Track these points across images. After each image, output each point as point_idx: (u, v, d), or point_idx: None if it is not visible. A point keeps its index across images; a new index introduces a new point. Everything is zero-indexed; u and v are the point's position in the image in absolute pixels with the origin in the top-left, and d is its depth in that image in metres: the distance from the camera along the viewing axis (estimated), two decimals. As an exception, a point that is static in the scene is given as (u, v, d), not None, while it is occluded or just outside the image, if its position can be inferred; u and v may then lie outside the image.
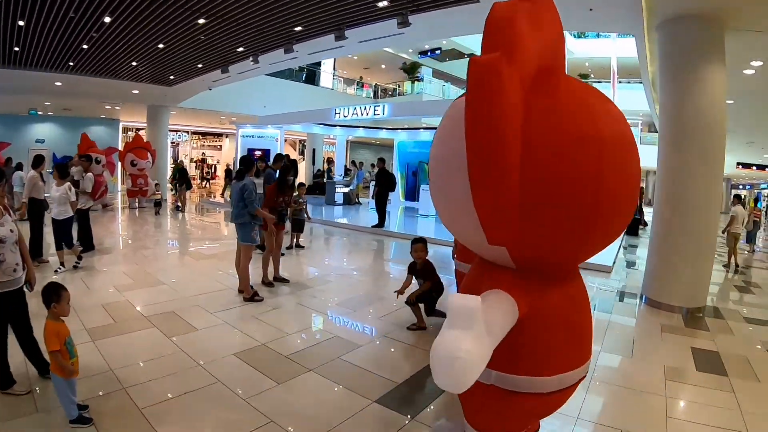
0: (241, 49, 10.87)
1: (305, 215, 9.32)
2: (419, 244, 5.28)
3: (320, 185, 23.44)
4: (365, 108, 14.75)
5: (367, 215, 15.48)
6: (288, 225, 7.93)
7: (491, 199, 1.99)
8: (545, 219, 2.08)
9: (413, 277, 5.29)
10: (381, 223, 12.46)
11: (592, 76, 30.36)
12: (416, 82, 26.42)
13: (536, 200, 2.03)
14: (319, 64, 24.32)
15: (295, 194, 8.18)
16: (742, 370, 4.52)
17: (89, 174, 8.85)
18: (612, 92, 21.02)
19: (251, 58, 11.35)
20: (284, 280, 6.85)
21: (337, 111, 15.48)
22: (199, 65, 12.74)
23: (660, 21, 6.52)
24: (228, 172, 22.82)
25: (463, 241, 2.67)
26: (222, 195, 20.18)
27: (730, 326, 5.93)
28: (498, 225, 2.06)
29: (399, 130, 20.85)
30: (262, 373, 3.82)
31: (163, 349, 4.15)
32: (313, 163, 23.12)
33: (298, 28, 9.26)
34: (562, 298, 2.39)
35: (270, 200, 6.73)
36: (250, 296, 5.82)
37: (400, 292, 5.16)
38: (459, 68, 30.35)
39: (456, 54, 28.13)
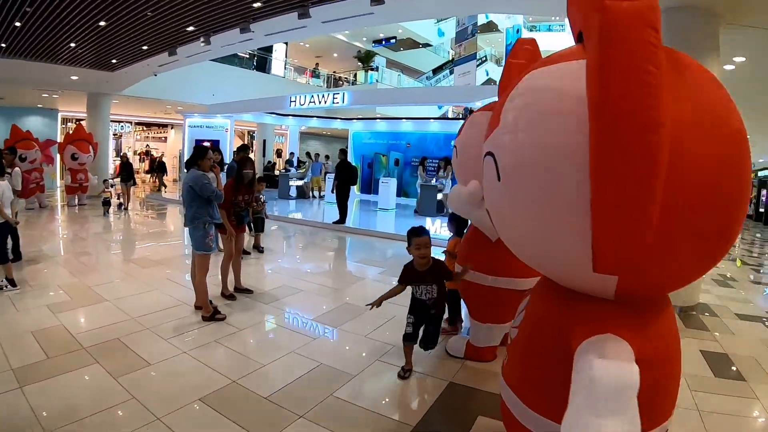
0: (191, 28, 9.80)
1: (265, 213, 8.50)
2: (424, 237, 3.64)
3: (271, 178, 22.42)
4: (323, 96, 13.89)
5: (325, 210, 14.71)
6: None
7: (627, 209, 1.37)
8: (688, 238, 1.54)
9: (405, 287, 3.85)
10: (342, 219, 11.71)
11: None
12: (369, 72, 25.67)
13: (681, 213, 1.48)
14: (270, 50, 23.13)
15: (257, 194, 7.37)
16: (756, 373, 4.29)
17: (17, 169, 7.73)
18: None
19: (202, 39, 10.27)
20: (247, 291, 6.01)
21: (293, 99, 14.54)
22: (145, 47, 11.50)
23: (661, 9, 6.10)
24: (161, 165, 21.46)
25: (541, 266, 2.01)
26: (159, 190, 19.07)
27: (726, 324, 5.73)
28: (622, 246, 1.45)
29: (354, 121, 20.08)
30: (240, 425, 3.02)
31: (111, 397, 3.26)
32: (264, 155, 22.06)
33: (257, 4, 8.33)
34: (665, 333, 1.87)
35: (227, 200, 5.63)
36: (210, 314, 4.94)
37: (376, 304, 3.67)
38: (413, 58, 29.79)
39: (411, 44, 27.52)
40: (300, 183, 18.29)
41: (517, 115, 1.80)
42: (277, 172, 22.77)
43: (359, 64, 26.70)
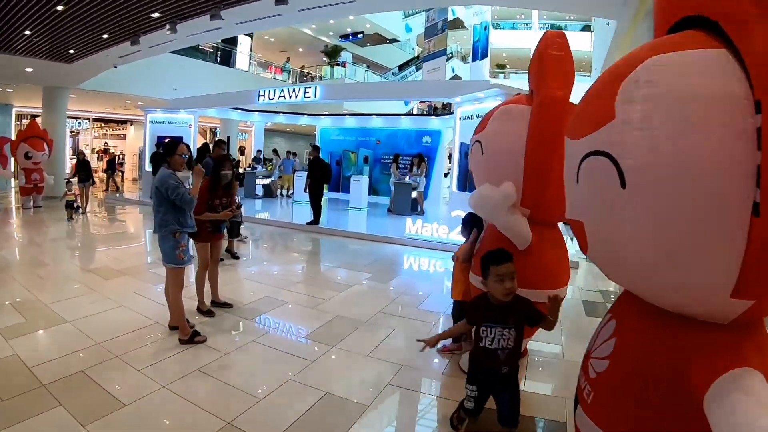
0: (156, 14, 9.04)
1: (240, 217, 7.87)
2: (508, 264, 2.58)
3: (237, 176, 21.55)
4: (293, 90, 13.20)
5: (294, 209, 14.06)
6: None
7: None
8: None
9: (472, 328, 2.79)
10: (316, 219, 11.12)
11: (508, 66, 30.42)
12: (335, 67, 25.04)
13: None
14: (235, 43, 22.18)
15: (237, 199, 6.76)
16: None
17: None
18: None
19: (168, 27, 9.48)
20: (226, 305, 5.41)
21: (261, 93, 13.76)
22: (105, 35, 10.61)
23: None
24: (110, 163, 20.24)
25: (663, 290, 1.56)
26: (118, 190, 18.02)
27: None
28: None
29: (322, 117, 19.44)
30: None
31: (78, 452, 2.67)
32: (228, 152, 21.12)
33: (231, -12, 7.66)
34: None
35: (202, 203, 4.95)
36: (188, 337, 4.30)
37: (431, 343, 2.70)
38: (379, 54, 29.30)
39: (377, 39, 27.01)
40: (267, 181, 17.60)
41: (649, 110, 1.40)
42: (241, 170, 21.99)
43: (325, 59, 26.00)
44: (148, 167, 14.73)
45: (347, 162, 18.68)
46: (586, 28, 38.77)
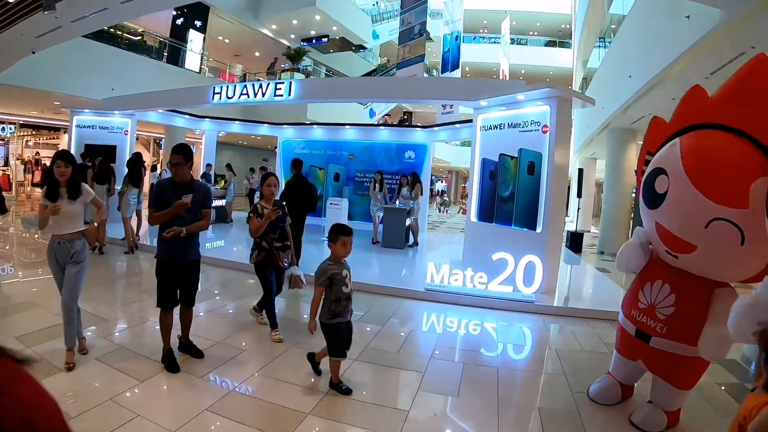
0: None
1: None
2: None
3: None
4: (260, 87, 10.16)
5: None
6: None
7: None
8: None
9: None
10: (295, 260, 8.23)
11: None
12: (295, 73, 22.09)
13: None
14: (185, 38, 18.89)
15: None
16: None
17: None
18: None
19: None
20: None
21: (217, 91, 10.65)
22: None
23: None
24: None
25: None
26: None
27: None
28: None
29: (285, 127, 16.49)
30: None
31: None
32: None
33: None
34: None
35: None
36: None
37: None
38: (340, 62, 26.79)
39: (341, 45, 24.34)
40: (221, 203, 14.35)
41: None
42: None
43: (287, 64, 23.02)
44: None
45: (314, 180, 15.82)
46: (551, 43, 37.90)
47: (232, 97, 10.27)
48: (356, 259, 8.06)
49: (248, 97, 10.06)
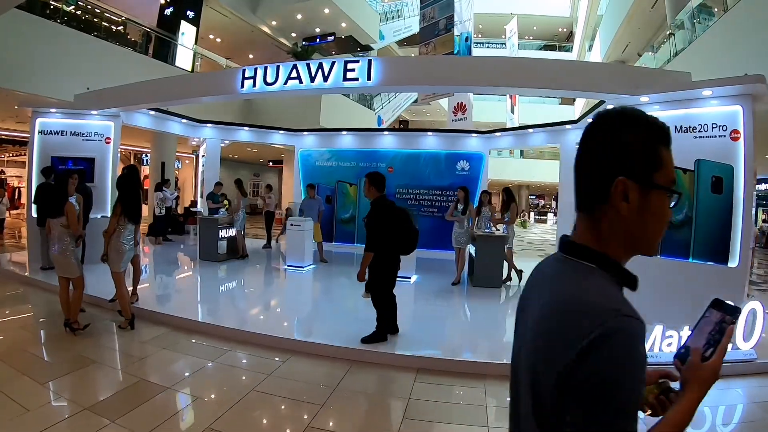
0: None
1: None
2: None
3: (174, 220, 14.44)
4: (319, 68, 6.50)
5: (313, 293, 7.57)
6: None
7: None
8: None
9: None
10: (381, 333, 4.89)
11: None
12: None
13: None
14: (175, 31, 15.19)
15: None
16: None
17: None
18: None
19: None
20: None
21: (248, 75, 7.02)
22: None
23: None
24: None
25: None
26: None
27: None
28: None
29: (305, 133, 13.04)
30: None
31: None
32: (162, 184, 13.57)
33: None
34: None
35: None
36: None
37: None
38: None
39: (345, 46, 21.07)
40: (231, 233, 10.70)
41: None
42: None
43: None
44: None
45: (343, 199, 12.43)
46: (548, 47, 35.71)
47: (273, 83, 6.73)
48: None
49: (299, 82, 6.58)
